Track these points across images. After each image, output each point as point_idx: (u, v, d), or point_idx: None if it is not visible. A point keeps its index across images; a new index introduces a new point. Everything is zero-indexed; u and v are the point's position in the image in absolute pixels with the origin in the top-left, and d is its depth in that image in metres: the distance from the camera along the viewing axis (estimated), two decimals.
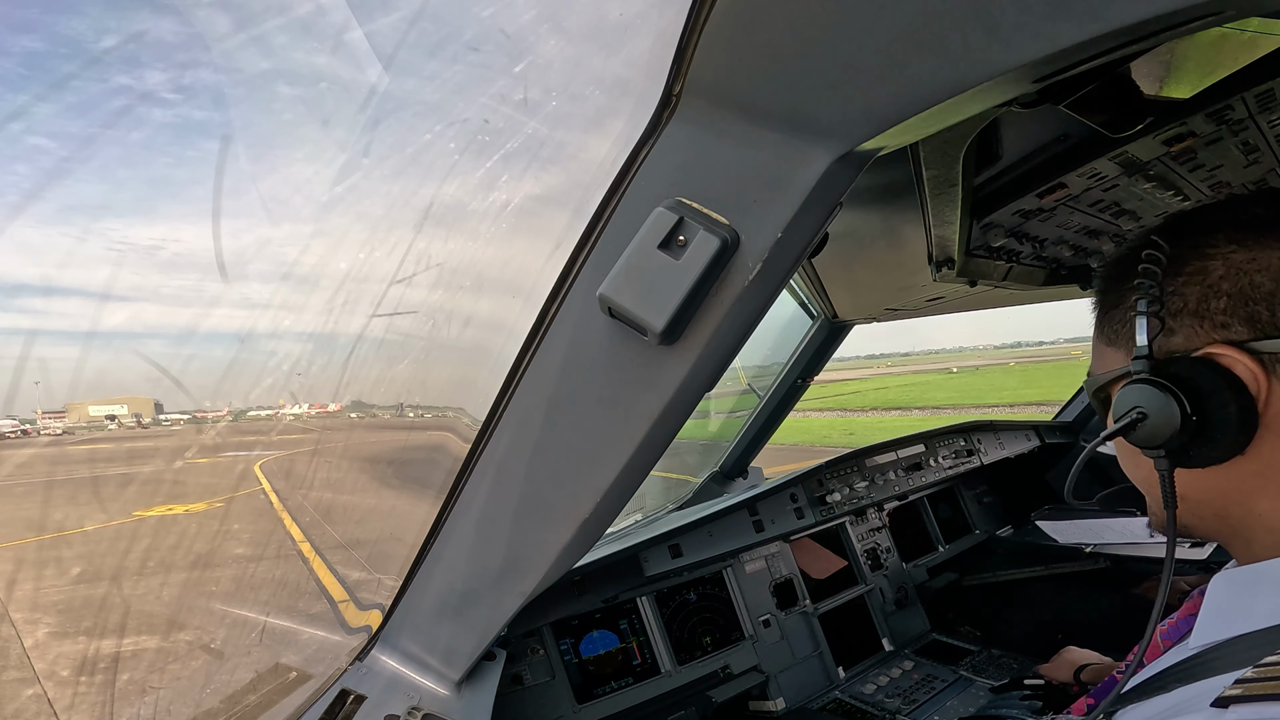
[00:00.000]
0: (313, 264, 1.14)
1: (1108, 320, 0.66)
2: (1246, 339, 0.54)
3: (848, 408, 28.12)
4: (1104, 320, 0.66)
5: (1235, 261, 0.55)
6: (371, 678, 1.03)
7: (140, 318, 1.80)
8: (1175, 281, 0.58)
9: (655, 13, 0.60)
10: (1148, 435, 0.57)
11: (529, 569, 0.88)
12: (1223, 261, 0.56)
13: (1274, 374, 0.53)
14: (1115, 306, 0.64)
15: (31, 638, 2.46)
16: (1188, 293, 0.57)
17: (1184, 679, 0.56)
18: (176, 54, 1.23)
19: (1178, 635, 0.67)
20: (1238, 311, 0.55)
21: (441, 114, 0.92)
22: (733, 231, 0.62)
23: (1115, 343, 0.64)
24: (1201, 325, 0.56)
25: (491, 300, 0.98)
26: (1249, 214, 0.57)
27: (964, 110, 0.57)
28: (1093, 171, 1.04)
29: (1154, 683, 0.60)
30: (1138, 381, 0.58)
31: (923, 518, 2.51)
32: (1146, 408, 0.57)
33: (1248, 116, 0.90)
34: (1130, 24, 0.42)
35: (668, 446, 0.76)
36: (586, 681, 1.65)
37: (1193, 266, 0.57)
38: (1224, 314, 0.55)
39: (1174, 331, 0.58)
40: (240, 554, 2.33)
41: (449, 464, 0.93)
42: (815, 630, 2.02)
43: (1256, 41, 0.65)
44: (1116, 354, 0.64)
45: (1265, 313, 0.53)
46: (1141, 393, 0.57)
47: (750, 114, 0.60)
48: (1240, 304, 0.54)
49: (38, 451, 2.84)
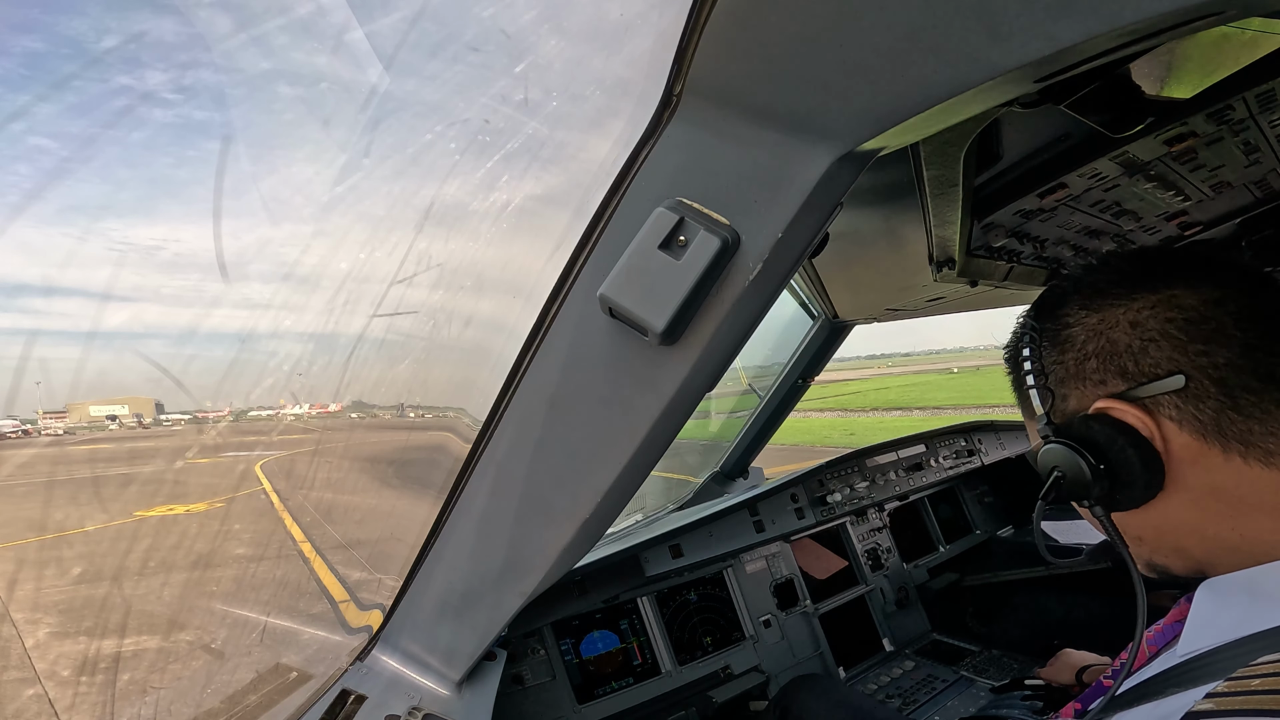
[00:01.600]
0: (313, 264, 1.14)
1: (1020, 398, 0.71)
2: (1124, 390, 0.59)
3: (849, 408, 28.12)
4: (1019, 398, 0.72)
5: (1090, 325, 0.62)
6: (372, 678, 1.03)
7: (141, 318, 1.80)
8: (1053, 352, 0.65)
9: (656, 13, 0.60)
10: (1072, 490, 0.63)
11: (530, 569, 0.88)
12: (1081, 328, 0.63)
13: (1159, 414, 0.58)
14: (1020, 386, 0.70)
15: (32, 638, 2.46)
16: (1064, 360, 0.64)
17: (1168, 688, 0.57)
18: (177, 54, 1.23)
19: (1164, 641, 0.68)
20: (1108, 367, 0.60)
21: (442, 114, 0.92)
22: (733, 232, 0.62)
23: (1030, 416, 0.70)
24: (1084, 386, 0.63)
25: (492, 300, 0.98)
26: (1089, 282, 0.64)
27: (965, 110, 0.57)
28: (1094, 172, 1.03)
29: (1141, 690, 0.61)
30: (1048, 444, 0.63)
31: (923, 518, 2.50)
32: (1061, 467, 0.62)
33: (1248, 116, 0.89)
34: (1131, 24, 0.42)
35: (668, 447, 0.76)
36: (587, 681, 1.65)
37: (1061, 337, 0.64)
38: (1098, 372, 0.61)
39: (1066, 397, 0.64)
40: (241, 554, 2.33)
41: (449, 464, 0.93)
42: (816, 630, 2.02)
43: (1257, 41, 0.65)
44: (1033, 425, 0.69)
45: (1130, 364, 0.59)
46: (1055, 454, 0.63)
47: (751, 114, 0.60)
48: (1107, 360, 0.60)
49: (39, 451, 2.85)
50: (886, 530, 2.36)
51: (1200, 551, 0.61)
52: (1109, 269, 0.64)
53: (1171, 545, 0.63)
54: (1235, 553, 0.58)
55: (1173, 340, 0.57)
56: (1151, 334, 0.58)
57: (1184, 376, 0.56)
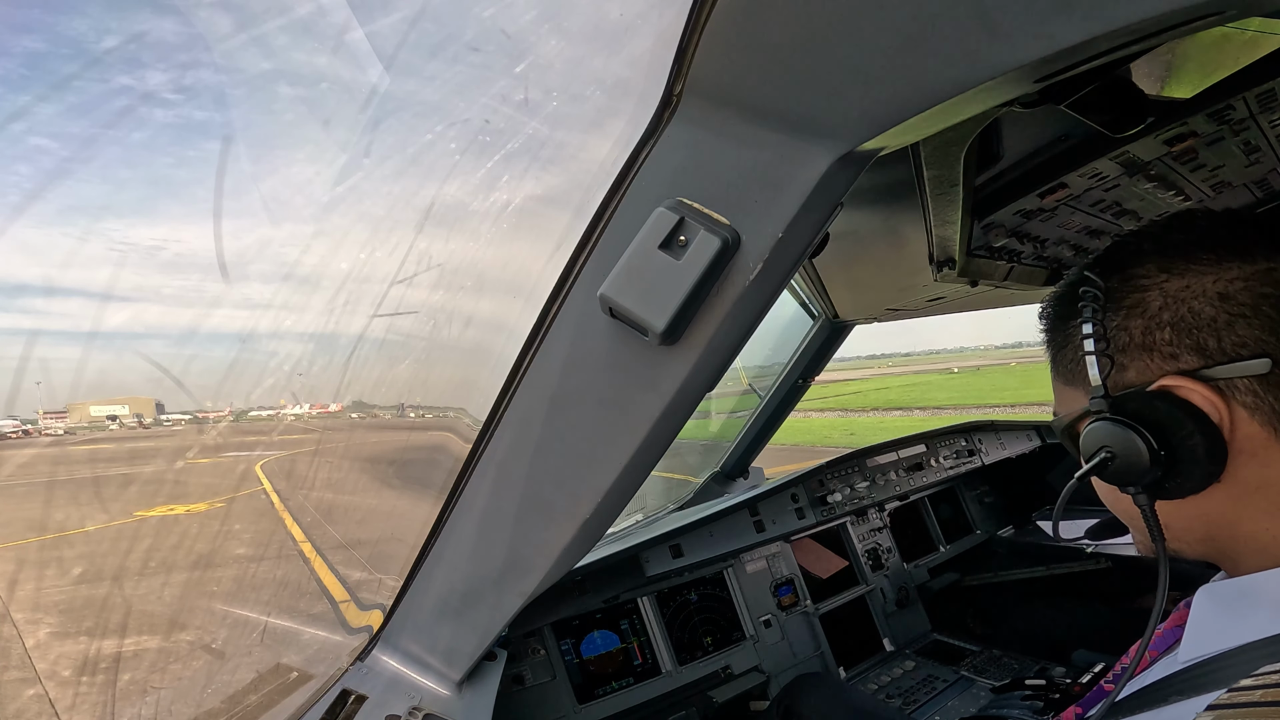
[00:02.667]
0: (314, 264, 1.14)
1: (1061, 360, 0.65)
2: (1198, 368, 0.53)
3: (849, 408, 28.10)
4: (1058, 360, 0.65)
5: (1170, 290, 0.55)
6: (372, 678, 1.03)
7: (142, 318, 1.80)
8: (1117, 316, 0.57)
9: (656, 13, 0.60)
10: (1120, 473, 0.57)
11: (530, 569, 0.88)
12: (1158, 292, 0.55)
13: (1233, 398, 0.52)
14: (1064, 346, 0.64)
15: (33, 638, 2.47)
16: (1131, 326, 0.57)
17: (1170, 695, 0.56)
18: (178, 55, 1.24)
19: (1164, 646, 0.66)
20: (1183, 341, 0.54)
21: (442, 114, 0.92)
22: (733, 231, 0.62)
23: (1072, 382, 0.63)
24: (1151, 358, 0.56)
25: (492, 300, 0.98)
26: (1169, 240, 0.57)
27: (965, 110, 0.57)
28: (1094, 171, 1.03)
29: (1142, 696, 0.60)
30: (1100, 420, 0.57)
31: (924, 518, 2.50)
32: (1114, 446, 0.56)
33: (1249, 116, 0.89)
34: (1131, 24, 0.42)
35: (669, 447, 0.76)
36: (587, 681, 1.65)
37: (1130, 300, 0.57)
38: (1170, 345, 0.54)
39: (1125, 367, 0.57)
40: (241, 554, 2.33)
41: (450, 464, 0.93)
42: (816, 630, 2.02)
43: (1257, 41, 0.65)
44: (1075, 393, 0.63)
45: (1211, 340, 0.52)
46: (1106, 431, 0.56)
47: (751, 114, 0.60)
48: (1184, 333, 0.54)
49: (39, 452, 2.85)
50: (887, 530, 2.36)
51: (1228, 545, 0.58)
52: (1195, 228, 0.56)
53: (1199, 536, 0.59)
54: (1262, 553, 0.55)
55: (1265, 319, 0.51)
56: (1242, 309, 0.52)
57: (1270, 360, 0.50)
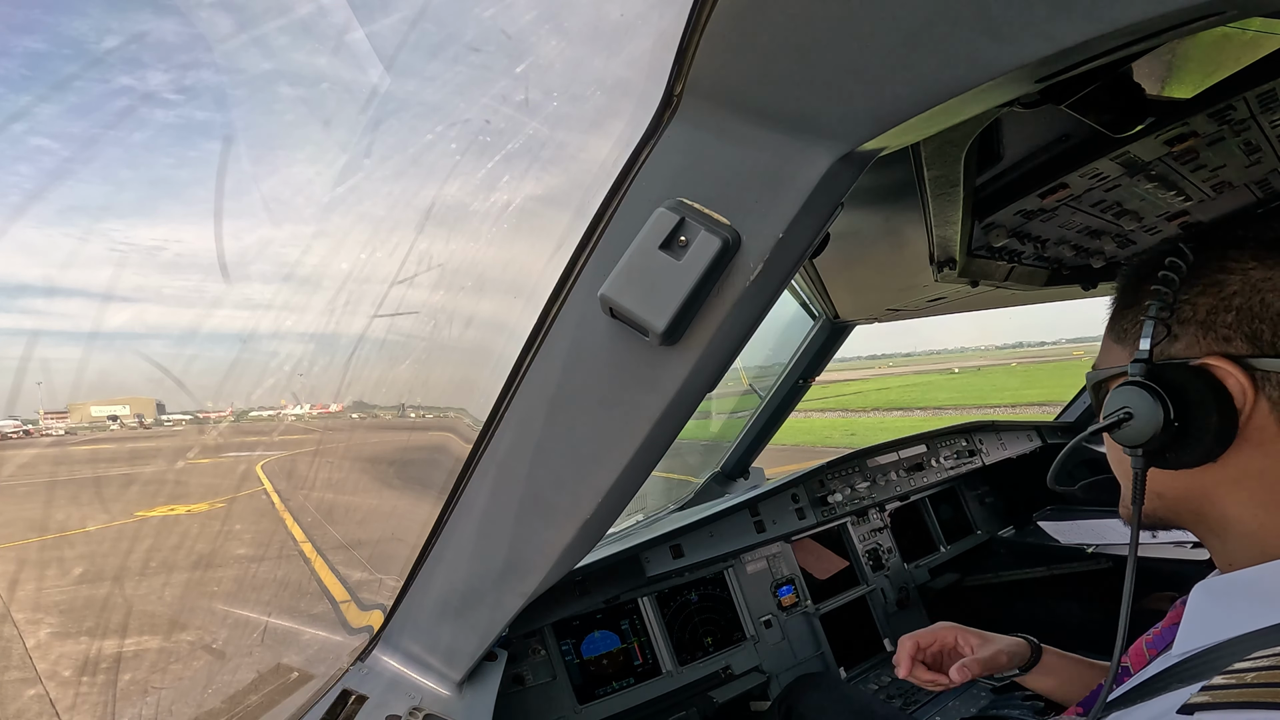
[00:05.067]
0: (314, 265, 1.15)
1: (1120, 317, 0.67)
2: (1244, 354, 0.56)
3: (849, 408, 28.09)
4: (1117, 316, 0.68)
5: (1253, 279, 0.57)
6: (373, 678, 1.03)
7: (142, 318, 1.80)
8: (1190, 290, 0.60)
9: (656, 13, 0.60)
10: (1130, 435, 0.60)
11: (530, 569, 0.88)
12: (1241, 277, 0.57)
13: (1262, 391, 0.55)
14: (1130, 306, 0.66)
15: (34, 638, 2.47)
16: (1199, 303, 0.59)
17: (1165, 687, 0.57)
18: (178, 55, 1.24)
19: (1163, 644, 0.68)
20: (1242, 327, 0.56)
21: (443, 115, 0.92)
22: (734, 232, 0.62)
23: (1122, 340, 0.66)
24: (1205, 336, 0.58)
25: (493, 301, 0.98)
26: (1272, 232, 0.59)
27: (966, 110, 0.57)
28: (1094, 172, 1.03)
29: (1139, 690, 0.61)
30: (1132, 384, 0.60)
31: (924, 518, 2.50)
32: (1134, 409, 0.59)
33: (1249, 116, 0.89)
34: (1132, 24, 0.42)
35: (669, 447, 0.76)
36: (588, 682, 1.65)
37: (1210, 279, 0.59)
38: (1229, 328, 0.57)
39: (1177, 338, 0.60)
40: (242, 554, 2.33)
41: (450, 464, 0.93)
42: (817, 631, 2.01)
43: (1258, 41, 0.65)
44: (1121, 351, 0.66)
45: (1268, 332, 0.55)
46: (1133, 394, 0.59)
47: (751, 114, 0.60)
48: (1246, 320, 0.56)
49: (40, 452, 2.85)
50: (887, 530, 2.35)
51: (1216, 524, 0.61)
52: None
53: (1189, 509, 0.62)
54: (1248, 539, 0.58)
55: None
56: None
57: None
